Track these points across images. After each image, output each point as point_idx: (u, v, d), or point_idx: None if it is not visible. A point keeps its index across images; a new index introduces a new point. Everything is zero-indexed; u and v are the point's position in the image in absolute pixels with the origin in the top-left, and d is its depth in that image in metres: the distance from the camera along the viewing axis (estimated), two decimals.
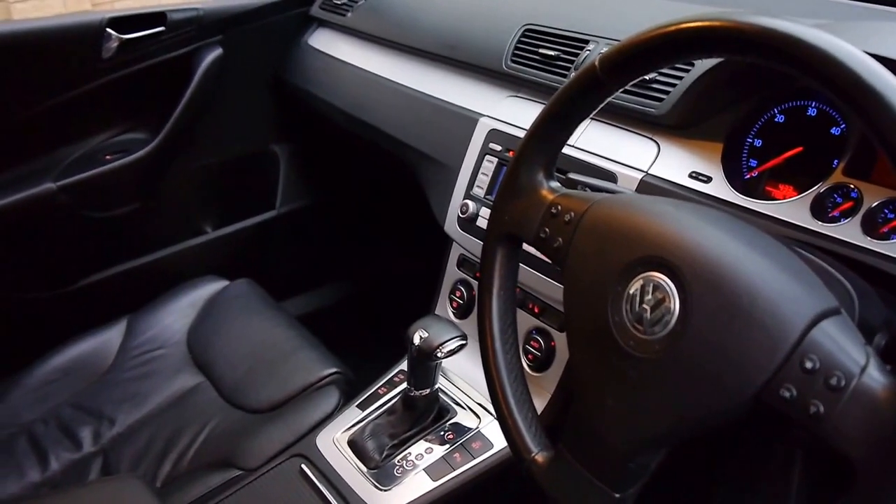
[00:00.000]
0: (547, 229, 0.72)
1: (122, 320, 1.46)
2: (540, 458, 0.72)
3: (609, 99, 0.71)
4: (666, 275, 0.61)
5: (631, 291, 0.63)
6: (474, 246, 1.16)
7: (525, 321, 1.11)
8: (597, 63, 0.68)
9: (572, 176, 0.96)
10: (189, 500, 1.09)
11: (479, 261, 1.03)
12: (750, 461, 1.03)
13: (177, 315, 1.48)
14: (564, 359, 1.06)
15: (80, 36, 1.42)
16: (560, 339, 1.07)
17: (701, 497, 1.13)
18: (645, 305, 0.62)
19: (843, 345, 0.55)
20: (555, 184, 0.76)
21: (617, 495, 0.65)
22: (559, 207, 0.72)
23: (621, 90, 0.71)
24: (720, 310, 0.58)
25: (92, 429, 1.28)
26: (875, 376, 0.53)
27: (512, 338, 0.78)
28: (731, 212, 0.86)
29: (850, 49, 0.54)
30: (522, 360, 1.11)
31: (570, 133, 0.75)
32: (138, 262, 1.62)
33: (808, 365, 0.54)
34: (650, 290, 0.62)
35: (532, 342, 1.11)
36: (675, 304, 0.60)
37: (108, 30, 1.43)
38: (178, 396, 1.32)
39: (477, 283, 1.17)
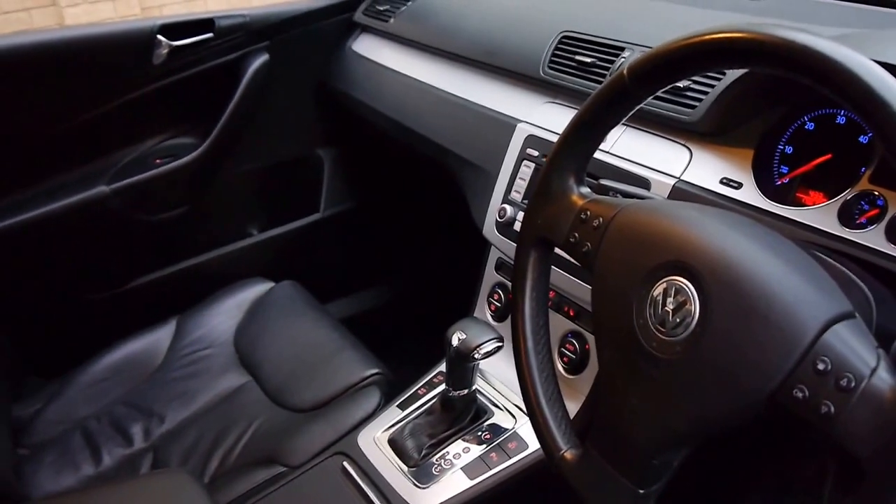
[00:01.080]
0: (576, 234, 0.78)
1: (171, 321, 1.55)
2: (569, 455, 0.78)
3: (639, 106, 0.76)
4: (687, 278, 0.66)
5: (654, 294, 0.68)
6: (512, 250, 1.22)
7: (560, 324, 1.16)
8: (625, 72, 0.73)
9: (604, 182, 1.01)
10: (235, 495, 1.17)
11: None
12: (782, 473, 1.07)
13: (224, 316, 1.57)
14: None
15: (132, 42, 1.51)
16: (595, 343, 1.13)
17: None
18: (667, 308, 0.67)
19: (854, 347, 0.59)
20: (585, 189, 0.81)
21: (641, 491, 0.70)
22: (588, 213, 0.78)
23: (653, 97, 0.76)
24: (738, 312, 0.63)
25: (142, 425, 1.37)
26: (885, 378, 0.57)
27: (544, 338, 0.84)
28: (754, 216, 0.91)
29: (863, 61, 0.58)
30: (557, 363, 1.17)
31: (601, 140, 0.80)
32: (187, 264, 1.72)
33: (821, 367, 0.59)
34: (672, 293, 0.67)
35: (567, 345, 1.16)
36: (696, 307, 0.65)
37: (159, 36, 1.53)
38: (225, 395, 1.41)
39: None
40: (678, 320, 0.66)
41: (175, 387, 1.44)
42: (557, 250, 0.83)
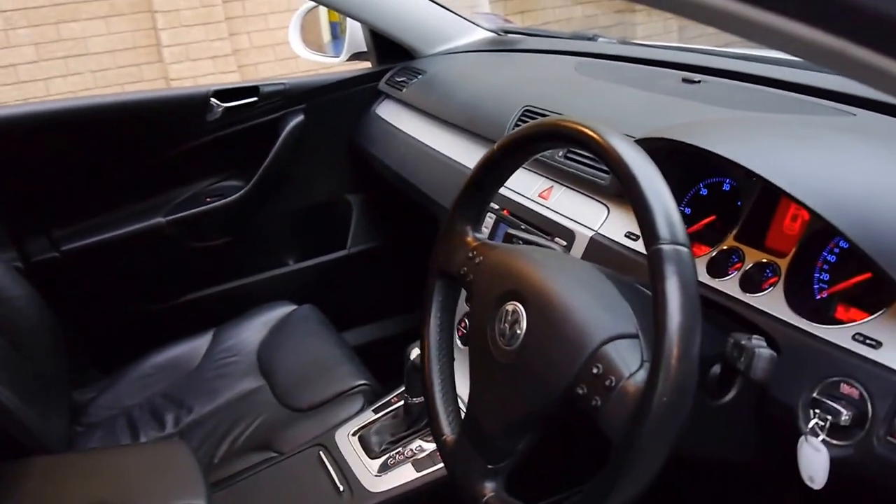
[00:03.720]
0: (465, 268, 0.94)
1: (209, 331, 1.75)
2: (449, 439, 0.92)
3: (515, 172, 0.93)
4: (521, 302, 0.82)
5: (501, 314, 0.84)
6: None
7: (462, 308, 1.29)
8: (496, 147, 0.90)
9: (511, 231, 1.17)
10: (233, 471, 1.34)
11: None
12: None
13: (252, 331, 1.76)
14: None
15: (191, 104, 1.75)
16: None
17: None
18: (506, 325, 0.82)
19: (624, 358, 0.73)
20: (479, 234, 0.97)
21: (490, 466, 0.85)
22: (475, 252, 0.93)
23: (581, 164, 0.94)
24: (546, 328, 0.78)
25: (174, 415, 1.56)
26: (636, 380, 0.71)
27: (446, 349, 0.99)
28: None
29: (616, 139, 0.76)
30: (456, 336, 1.31)
31: (491, 196, 0.97)
32: (227, 286, 1.92)
33: (595, 371, 0.73)
34: (510, 312, 0.82)
35: (462, 323, 1.33)
36: (524, 324, 0.80)
37: (213, 99, 1.76)
38: (242, 395, 1.59)
39: None
40: (513, 334, 0.81)
41: (205, 385, 1.63)
42: None
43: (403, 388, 1.40)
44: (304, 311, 1.78)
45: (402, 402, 1.37)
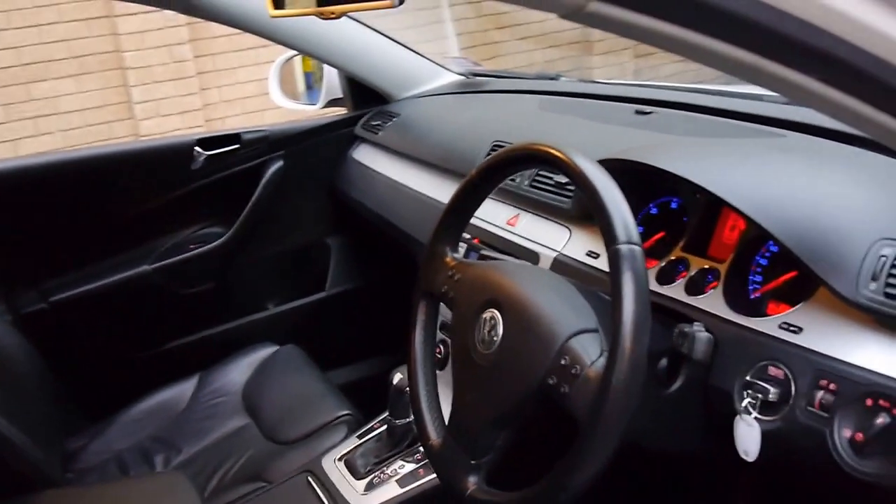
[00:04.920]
0: (446, 286, 1.10)
1: (195, 376, 1.89)
2: (435, 442, 1.08)
3: (491, 194, 1.11)
4: (497, 309, 0.98)
5: (480, 322, 1.00)
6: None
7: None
8: (474, 172, 1.08)
9: (484, 252, 1.34)
10: (225, 501, 1.48)
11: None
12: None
13: (237, 372, 1.90)
14: None
15: (175, 153, 1.94)
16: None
17: None
18: (485, 331, 0.99)
19: (587, 349, 0.90)
20: (458, 255, 1.14)
21: (473, 462, 1.00)
22: (454, 270, 1.10)
23: (544, 191, 1.17)
24: (518, 329, 0.95)
25: (164, 456, 1.69)
26: (596, 367, 0.87)
27: (430, 362, 1.15)
28: (603, 279, 1.21)
29: (579, 157, 0.94)
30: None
31: (469, 218, 1.14)
32: (212, 331, 2.07)
33: (563, 362, 0.90)
34: (488, 319, 0.99)
35: (437, 349, 1.42)
36: (501, 329, 0.97)
37: (196, 148, 1.94)
38: (230, 433, 1.72)
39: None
40: (491, 338, 0.98)
41: (193, 426, 1.76)
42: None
43: (386, 414, 1.56)
44: (286, 351, 1.93)
45: (384, 427, 1.52)
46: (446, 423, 1.09)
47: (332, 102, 2.23)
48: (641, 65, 6.19)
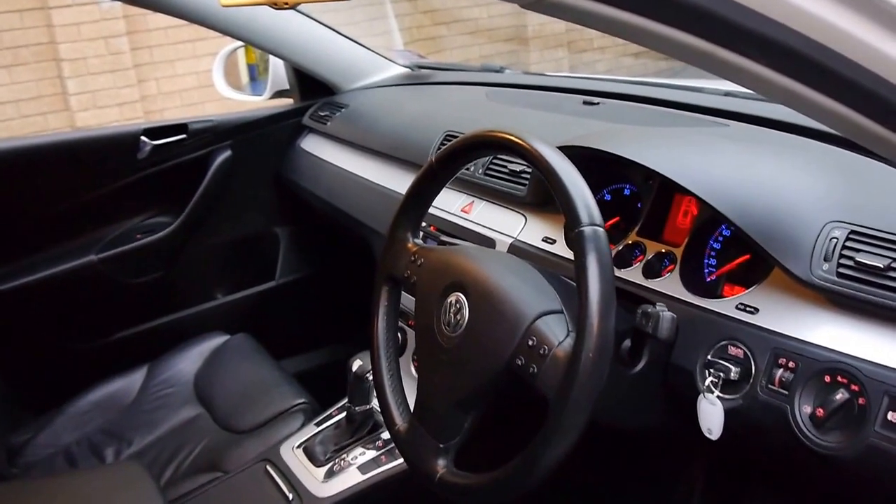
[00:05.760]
0: (409, 271, 1.06)
1: (144, 366, 1.81)
2: (401, 428, 1.04)
3: (448, 182, 1.07)
4: (462, 292, 0.95)
5: (445, 305, 0.97)
6: (408, 301, 1.49)
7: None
8: (433, 159, 1.04)
9: (443, 239, 1.31)
10: (183, 492, 1.41)
11: (411, 311, 1.37)
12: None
13: (188, 362, 1.82)
14: None
15: (121, 142, 1.84)
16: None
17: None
18: (451, 314, 0.95)
19: (553, 330, 0.87)
20: (419, 240, 1.10)
21: (441, 445, 0.96)
22: (416, 255, 1.06)
23: (499, 179, 1.12)
24: (485, 311, 0.91)
25: (114, 448, 1.61)
26: (564, 347, 0.85)
27: (392, 349, 1.11)
28: (561, 263, 1.19)
29: (538, 142, 0.91)
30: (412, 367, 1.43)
31: (428, 205, 1.10)
32: (160, 321, 1.98)
33: (530, 343, 0.87)
34: (454, 303, 0.95)
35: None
36: (466, 311, 0.94)
37: (143, 137, 1.85)
38: (182, 423, 1.65)
39: (410, 328, 1.49)
40: (457, 321, 0.94)
41: (143, 418, 1.68)
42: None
43: (344, 401, 1.51)
44: (238, 339, 1.86)
45: (343, 414, 1.47)
46: (411, 408, 1.06)
47: (278, 94, 2.16)
48: (576, 61, 6.25)
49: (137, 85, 4.76)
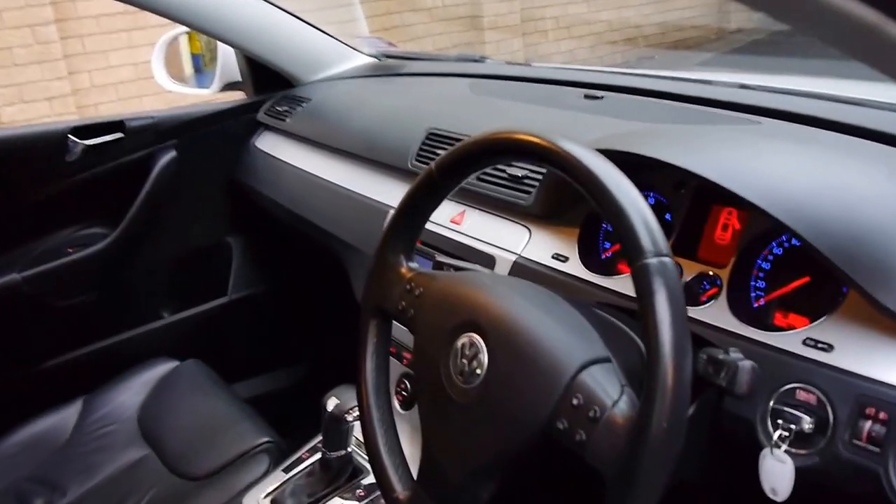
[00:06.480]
0: (404, 302, 0.88)
1: (78, 400, 1.58)
2: (402, 496, 0.85)
3: (450, 194, 0.88)
4: (479, 334, 0.77)
5: (456, 349, 0.78)
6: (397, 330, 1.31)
7: (396, 368, 1.24)
8: (433, 168, 0.85)
9: (439, 259, 1.12)
10: None
11: (401, 341, 1.18)
12: None
13: (129, 393, 1.61)
14: None
15: (45, 143, 1.60)
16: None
17: None
18: (464, 360, 0.77)
19: (603, 385, 0.69)
20: (413, 264, 0.91)
21: None
22: (412, 283, 0.88)
23: (498, 186, 0.89)
24: (513, 359, 0.73)
25: (45, 500, 1.39)
26: (622, 409, 0.67)
27: (384, 396, 0.92)
28: (576, 286, 1.02)
29: (578, 148, 0.73)
30: (394, 400, 1.25)
31: (423, 223, 0.91)
32: (97, 346, 1.76)
33: (575, 402, 0.69)
34: (467, 345, 0.77)
35: (401, 385, 1.26)
36: (485, 357, 0.75)
37: (71, 137, 1.62)
38: (125, 467, 1.44)
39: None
40: (472, 370, 0.76)
41: (79, 462, 1.46)
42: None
43: (316, 442, 1.32)
44: (188, 366, 1.65)
45: (316, 458, 1.28)
46: (414, 471, 0.87)
47: (228, 86, 1.94)
48: (529, 41, 6.11)
49: (68, 77, 4.45)
